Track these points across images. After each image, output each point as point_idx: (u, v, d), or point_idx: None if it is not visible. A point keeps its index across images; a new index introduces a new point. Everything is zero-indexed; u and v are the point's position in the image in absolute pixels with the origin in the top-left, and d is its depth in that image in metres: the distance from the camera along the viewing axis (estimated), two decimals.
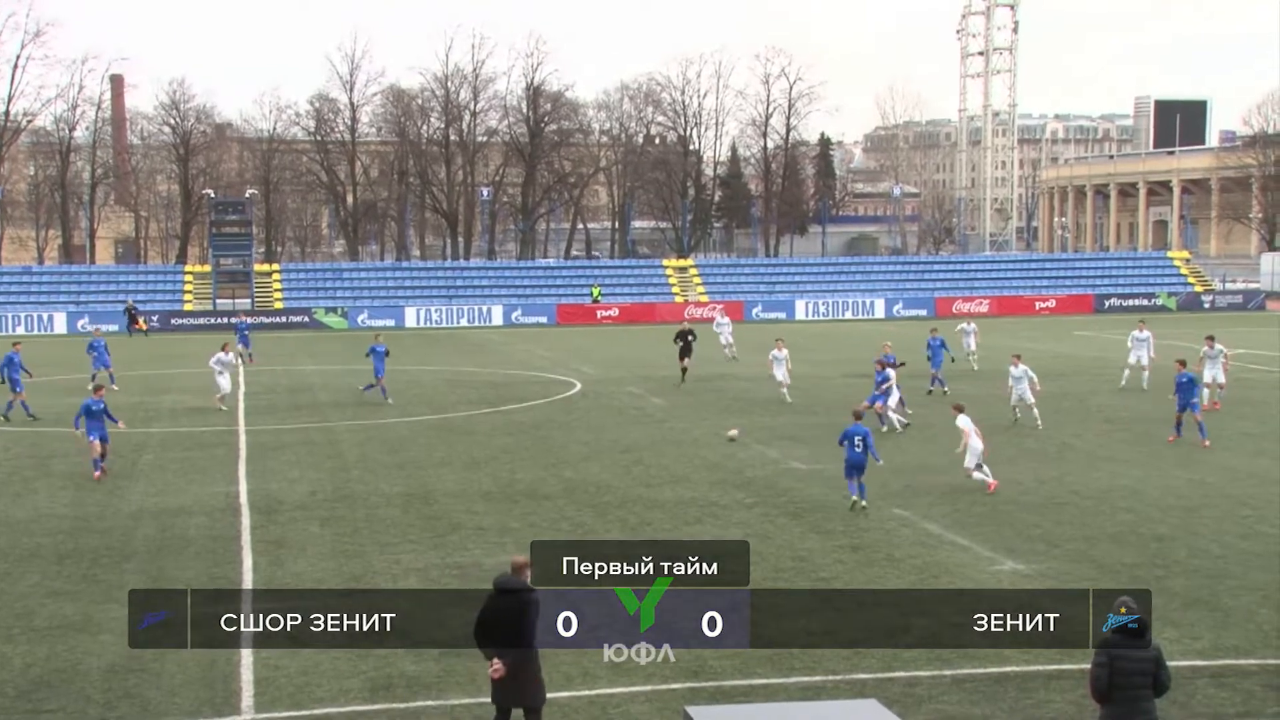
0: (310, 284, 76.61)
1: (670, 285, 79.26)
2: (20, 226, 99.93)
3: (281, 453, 26.39)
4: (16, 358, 32.36)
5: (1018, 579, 16.44)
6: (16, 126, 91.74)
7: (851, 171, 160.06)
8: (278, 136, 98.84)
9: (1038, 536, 18.80)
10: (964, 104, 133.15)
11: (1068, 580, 16.16)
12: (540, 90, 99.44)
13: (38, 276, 76.24)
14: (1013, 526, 19.43)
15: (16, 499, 21.87)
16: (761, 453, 26.17)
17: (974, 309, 74.13)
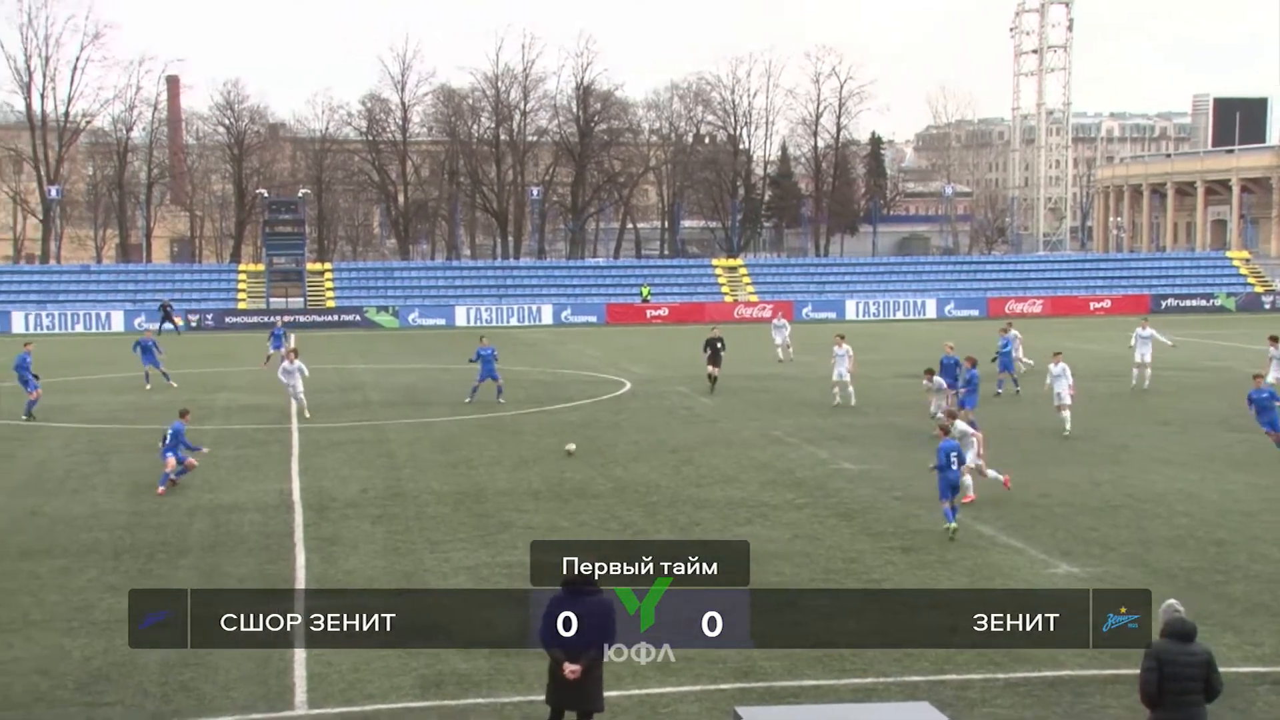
0: (362, 283, 77.17)
1: (720, 285, 79.14)
2: (79, 226, 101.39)
3: (333, 451, 26.59)
4: (28, 358, 32.60)
5: (1072, 582, 16.25)
6: (76, 127, 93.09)
7: (903, 171, 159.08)
8: (330, 136, 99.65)
9: (1093, 539, 18.58)
10: (1017, 102, 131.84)
11: (1122, 583, 15.93)
12: (590, 90, 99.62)
13: (95, 275, 77.31)
14: (1067, 529, 19.22)
15: (75, 495, 22.18)
16: (812, 453, 26.05)
17: (1027, 309, 73.51)
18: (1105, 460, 24.98)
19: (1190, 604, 14.65)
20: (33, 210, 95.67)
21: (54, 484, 23.22)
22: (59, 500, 21.70)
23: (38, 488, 22.86)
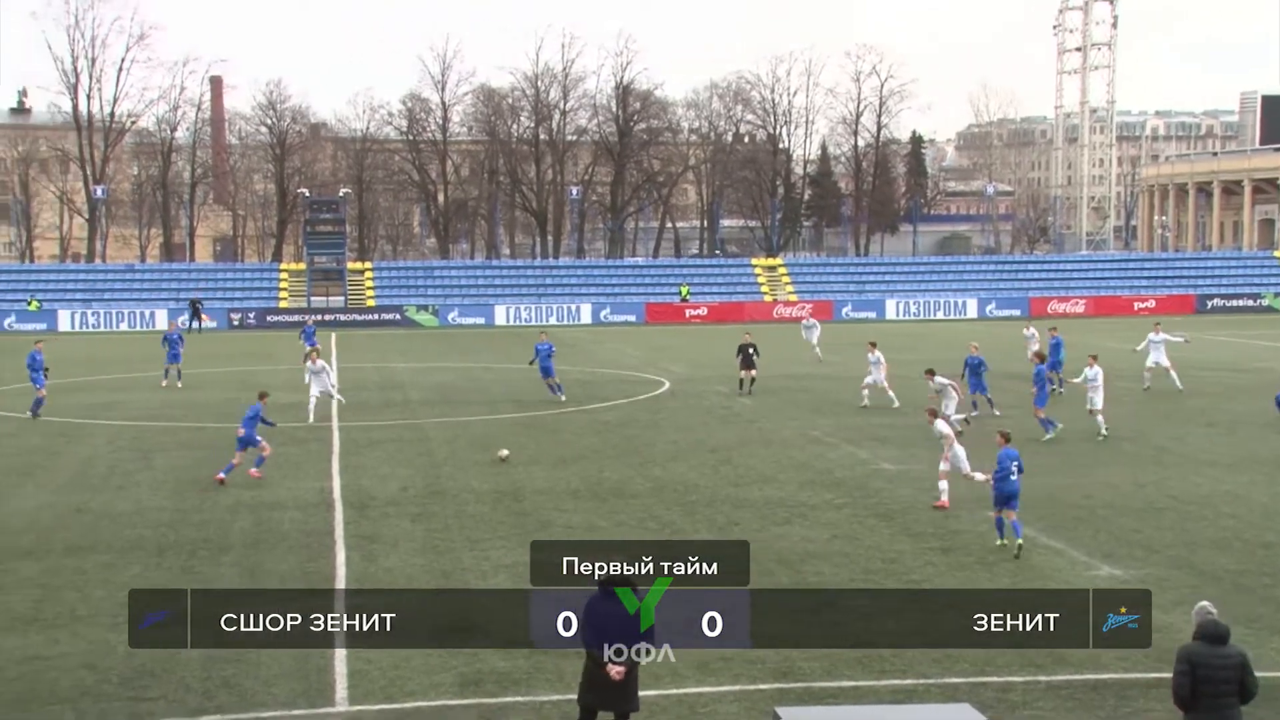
0: (402, 282, 77.55)
1: (759, 284, 78.97)
2: (124, 225, 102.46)
3: (373, 449, 26.73)
4: (40, 356, 32.85)
5: (1115, 584, 16.11)
6: (121, 127, 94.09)
7: (944, 170, 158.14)
8: (371, 136, 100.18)
9: (1136, 542, 18.41)
10: (1060, 101, 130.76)
11: (1168, 586, 15.79)
12: (629, 89, 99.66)
13: (140, 274, 78.12)
14: (1110, 531, 19.06)
15: (119, 491, 22.41)
16: (851, 453, 25.96)
17: (1070, 309, 72.93)
18: (1148, 462, 24.75)
19: (1237, 607, 14.53)
20: (79, 210, 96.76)
21: (98, 480, 23.47)
22: (103, 496, 21.94)
23: (83, 484, 23.11)
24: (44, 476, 23.95)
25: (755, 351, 36.59)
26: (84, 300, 72.08)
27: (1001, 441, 18.11)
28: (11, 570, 17.10)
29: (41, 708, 12.14)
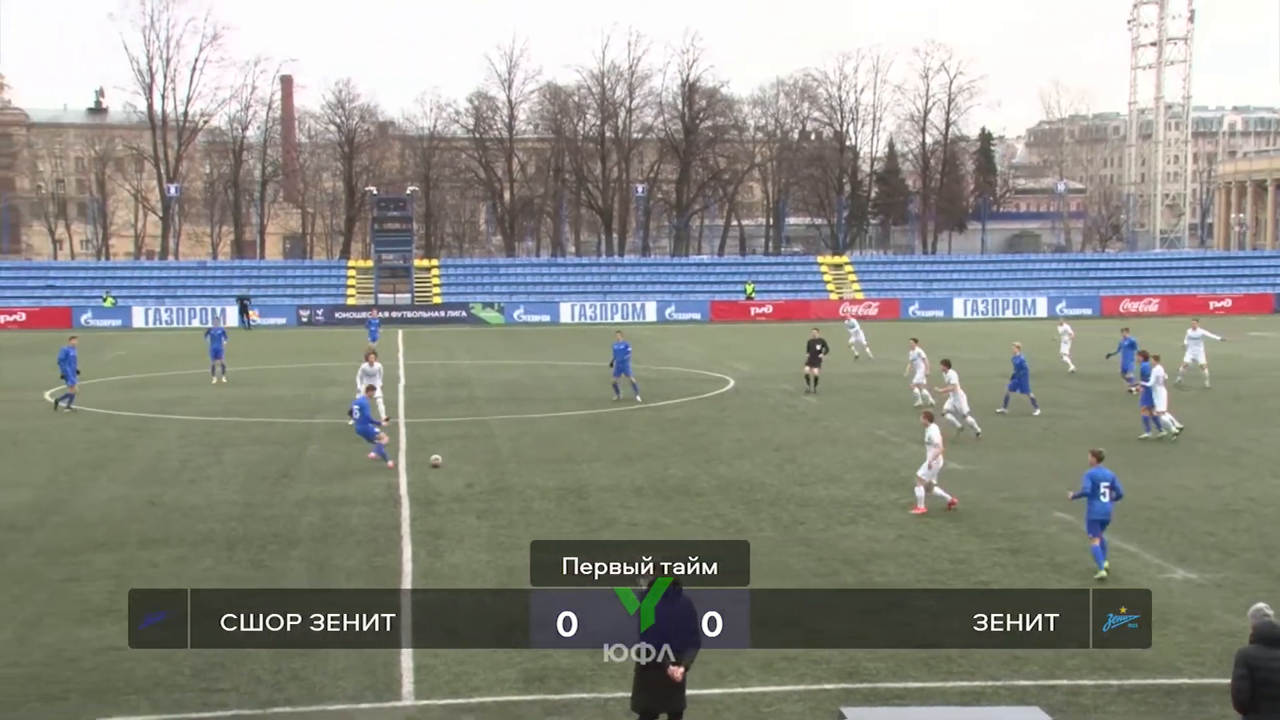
0: (468, 279, 78.04)
1: (825, 282, 78.57)
2: (196, 223, 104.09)
3: (439, 445, 26.88)
4: (73, 352, 33.33)
5: (1190, 588, 15.84)
6: (194, 127, 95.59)
7: (1013, 167, 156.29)
8: (438, 134, 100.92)
9: (1211, 545, 18.08)
10: (1134, 96, 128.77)
11: (1244, 590, 15.49)
12: (695, 87, 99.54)
13: (211, 271, 79.29)
14: (1184, 534, 18.73)
15: (191, 486, 22.73)
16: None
17: (1143, 308, 71.87)
18: (1224, 464, 24.30)
19: None
20: (153, 208, 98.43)
21: (170, 474, 23.83)
22: (175, 490, 22.27)
23: (155, 478, 23.48)
24: (117, 470, 24.36)
25: (823, 348, 36.42)
26: (157, 297, 73.27)
27: (1094, 461, 16.65)
28: (87, 562, 17.41)
29: (118, 698, 12.35)
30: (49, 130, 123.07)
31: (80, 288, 74.36)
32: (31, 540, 18.70)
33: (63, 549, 18.13)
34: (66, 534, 19.03)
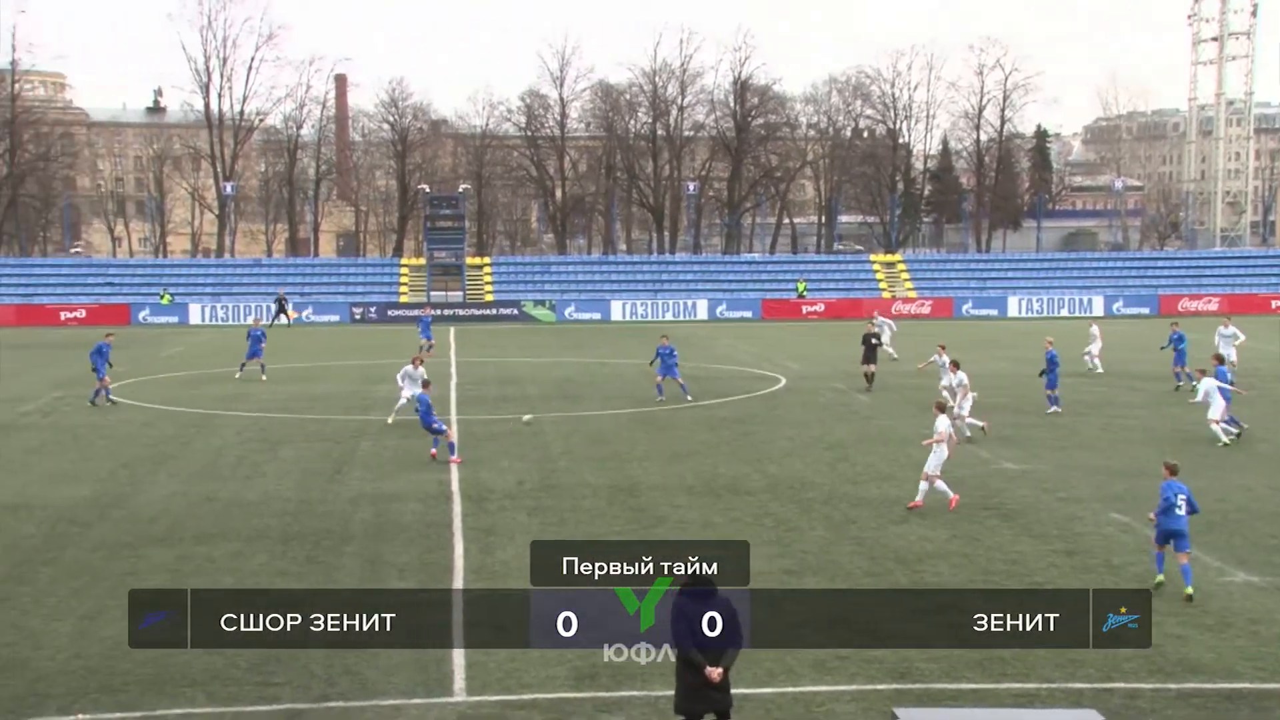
0: (520, 277, 78.28)
1: (877, 281, 78.13)
2: (251, 221, 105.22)
3: (491, 442, 27.01)
4: (106, 348, 33.82)
5: (1251, 591, 15.61)
6: (250, 125, 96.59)
7: (1069, 164, 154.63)
8: (490, 132, 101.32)
9: (1273, 547, 17.80)
10: (1194, 93, 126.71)
11: None
12: (747, 84, 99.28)
13: (266, 268, 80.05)
14: (1244, 536, 18.46)
15: (247, 481, 22.97)
16: (972, 452, 25.52)
17: (1202, 307, 70.92)
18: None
19: None
20: (209, 206, 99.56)
21: (227, 470, 24.09)
22: (232, 486, 22.51)
23: (213, 474, 23.75)
24: (176, 466, 24.66)
25: (879, 342, 36.45)
26: (213, 294, 74.09)
27: (1166, 473, 16.03)
28: (146, 556, 17.64)
29: (175, 690, 12.50)
30: (109, 129, 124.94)
31: (138, 285, 75.36)
32: (91, 534, 18.98)
33: (121, 543, 18.38)
34: (125, 528, 19.29)
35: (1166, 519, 15.56)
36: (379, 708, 12.13)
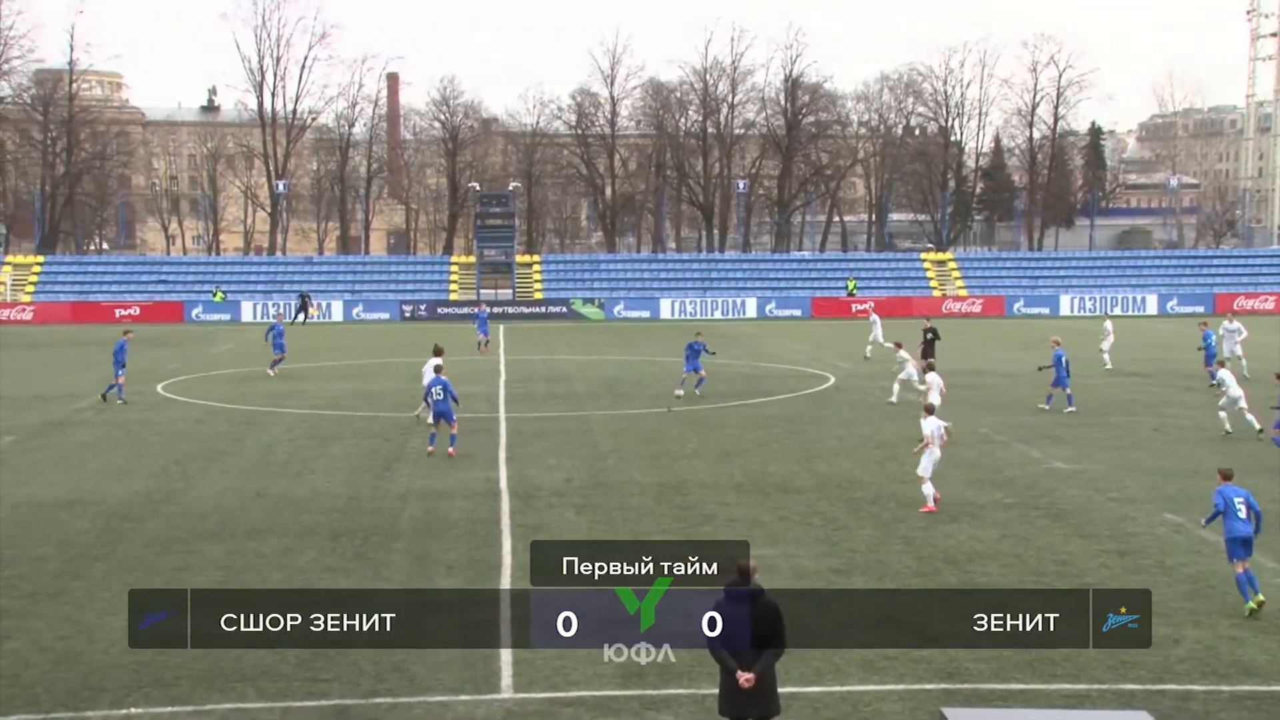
0: (569, 275, 78.47)
1: (928, 279, 77.65)
2: (303, 219, 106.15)
3: (539, 440, 27.08)
4: (124, 345, 34.09)
5: None
6: (302, 124, 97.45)
7: (1124, 162, 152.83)
8: (540, 130, 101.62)
9: None
10: (1252, 89, 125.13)
11: None
12: (798, 82, 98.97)
13: (317, 266, 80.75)
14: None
15: (297, 478, 23.17)
16: (1022, 452, 25.31)
17: (1258, 306, 69.95)
18: None
19: None
20: (262, 204, 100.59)
21: (278, 467, 24.31)
22: (282, 482, 22.71)
23: (263, 470, 23.97)
24: (228, 462, 24.91)
25: (936, 336, 36.87)
26: (265, 291, 74.82)
27: (1221, 480, 15.10)
28: (198, 551, 17.84)
29: (225, 684, 12.63)
30: (163, 128, 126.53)
31: (191, 283, 76.26)
32: (144, 530, 19.21)
33: (174, 538, 18.60)
34: (178, 524, 19.51)
35: (1235, 525, 14.52)
36: (427, 704, 12.19)
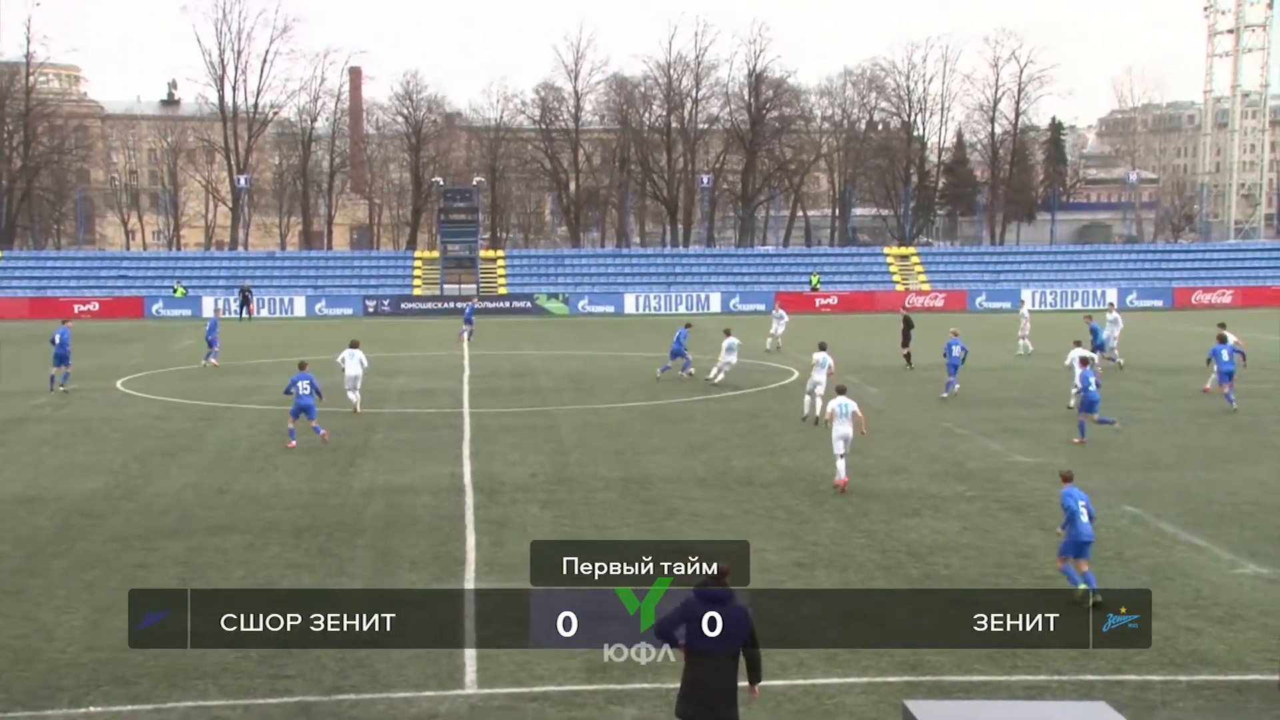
0: (533, 270, 78.31)
1: (891, 273, 78.00)
2: (265, 214, 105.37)
3: (504, 435, 27.04)
4: (67, 335, 35.17)
5: (1261, 583, 15.56)
6: (264, 118, 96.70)
7: (1084, 157, 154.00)
8: (504, 125, 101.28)
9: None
10: (1210, 85, 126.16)
11: None
12: (762, 77, 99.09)
13: (279, 261, 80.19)
14: (1256, 528, 18.40)
15: (259, 474, 23.03)
16: (984, 445, 25.49)
17: (1216, 299, 70.67)
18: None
19: None
20: (223, 199, 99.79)
21: (239, 463, 24.16)
22: (244, 479, 22.57)
23: (224, 466, 23.81)
24: (188, 458, 24.73)
25: (911, 325, 38.93)
26: (226, 287, 74.23)
27: (1063, 482, 15.35)
28: (158, 548, 17.71)
29: (187, 682, 12.55)
30: (123, 122, 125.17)
31: (151, 278, 75.56)
32: (104, 527, 19.05)
33: (133, 535, 18.45)
34: (137, 521, 19.36)
35: (1079, 528, 14.65)
36: (390, 700, 12.16)
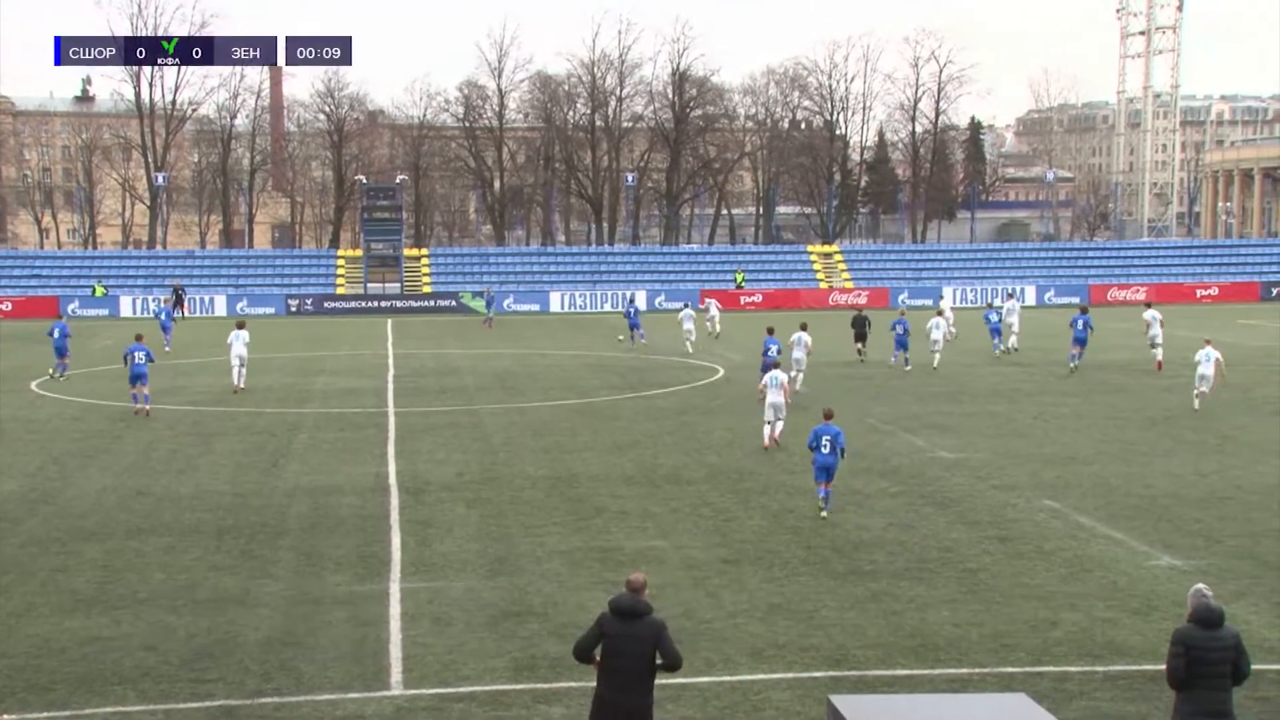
0: (458, 268, 77.86)
1: (815, 271, 78.59)
2: (184, 212, 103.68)
3: (429, 434, 26.88)
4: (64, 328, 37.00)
5: (1174, 575, 15.90)
6: (182, 115, 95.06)
7: (1002, 156, 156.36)
8: (427, 123, 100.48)
9: (1197, 532, 18.15)
10: (1123, 85, 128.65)
11: (1229, 578, 15.57)
12: (686, 76, 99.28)
13: (199, 260, 78.99)
14: (1170, 521, 18.80)
15: (180, 475, 22.69)
16: (908, 441, 25.79)
17: (1130, 296, 72.01)
18: (1211, 451, 24.39)
19: None
20: (140, 197, 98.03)
21: (160, 465, 23.78)
22: (165, 480, 22.23)
23: (145, 468, 23.43)
24: (107, 460, 24.30)
25: (868, 325, 41.25)
26: (145, 286, 72.99)
27: (823, 419, 19.63)
28: (76, 552, 17.38)
29: (105, 687, 12.32)
30: (35, 118, 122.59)
31: (67, 277, 74.05)
32: (20, 530, 18.67)
33: (51, 539, 18.11)
34: (55, 524, 18.99)
35: (817, 458, 19.17)
36: (315, 703, 12.02)
